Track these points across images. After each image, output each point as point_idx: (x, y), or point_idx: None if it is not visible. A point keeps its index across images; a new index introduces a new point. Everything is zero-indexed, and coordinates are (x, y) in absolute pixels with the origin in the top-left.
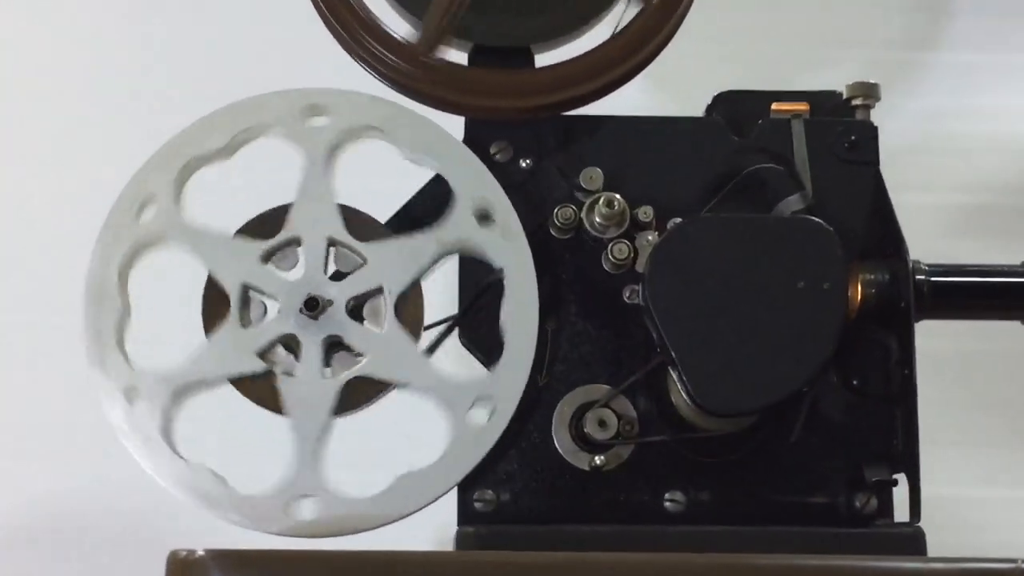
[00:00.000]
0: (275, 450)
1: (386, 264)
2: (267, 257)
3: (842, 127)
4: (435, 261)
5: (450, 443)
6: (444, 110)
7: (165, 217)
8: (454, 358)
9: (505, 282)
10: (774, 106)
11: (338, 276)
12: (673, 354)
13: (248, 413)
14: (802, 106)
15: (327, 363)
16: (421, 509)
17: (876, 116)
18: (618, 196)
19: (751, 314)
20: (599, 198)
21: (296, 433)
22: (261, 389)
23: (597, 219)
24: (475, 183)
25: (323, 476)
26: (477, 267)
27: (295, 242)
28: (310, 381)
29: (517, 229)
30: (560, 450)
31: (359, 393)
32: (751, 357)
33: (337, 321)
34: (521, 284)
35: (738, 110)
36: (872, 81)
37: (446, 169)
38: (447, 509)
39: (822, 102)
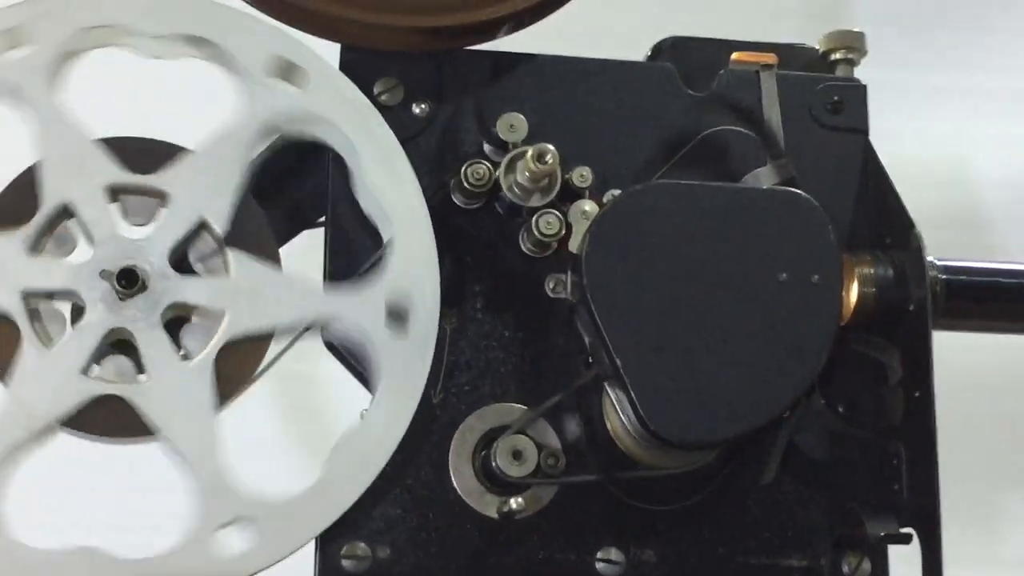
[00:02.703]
0: None
1: (194, 188)
2: (35, 246)
3: (823, 84)
4: (254, 150)
5: (174, 546)
6: (304, 28)
7: None
8: None
9: (378, 380)
10: (735, 56)
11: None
12: (617, 364)
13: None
14: (770, 57)
15: (178, 345)
16: None
17: None
18: (552, 148)
19: (718, 314)
20: (524, 152)
21: (179, 452)
22: (107, 418)
23: (520, 180)
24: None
25: (243, 495)
26: (352, 234)
27: (64, 213)
28: (171, 375)
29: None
30: (459, 490)
31: (235, 367)
32: (718, 371)
33: (168, 286)
34: (394, 398)
35: (688, 61)
36: (856, 30)
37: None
38: (300, 567)
39: (792, 58)
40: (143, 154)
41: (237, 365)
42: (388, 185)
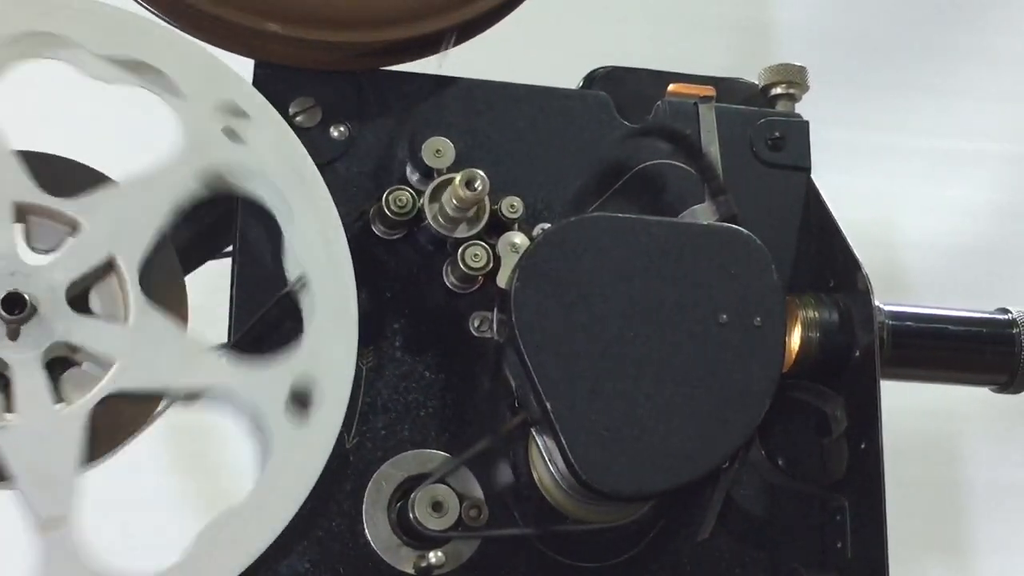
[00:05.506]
0: None
1: (111, 223)
2: None
3: (764, 119)
4: (182, 196)
5: None
6: (217, 42)
7: None
8: None
9: (266, 463)
10: (672, 87)
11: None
12: (546, 409)
13: None
14: (708, 89)
15: (57, 390)
16: None
17: None
18: (482, 174)
19: (655, 356)
20: (451, 178)
21: (32, 507)
22: None
23: (446, 208)
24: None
25: (84, 561)
26: (260, 262)
27: None
28: (40, 419)
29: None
30: (373, 544)
31: (115, 424)
32: (654, 418)
33: (58, 323)
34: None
35: (622, 91)
36: (798, 64)
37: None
38: None
39: (729, 92)
40: (62, 176)
41: (115, 422)
42: (320, 263)
